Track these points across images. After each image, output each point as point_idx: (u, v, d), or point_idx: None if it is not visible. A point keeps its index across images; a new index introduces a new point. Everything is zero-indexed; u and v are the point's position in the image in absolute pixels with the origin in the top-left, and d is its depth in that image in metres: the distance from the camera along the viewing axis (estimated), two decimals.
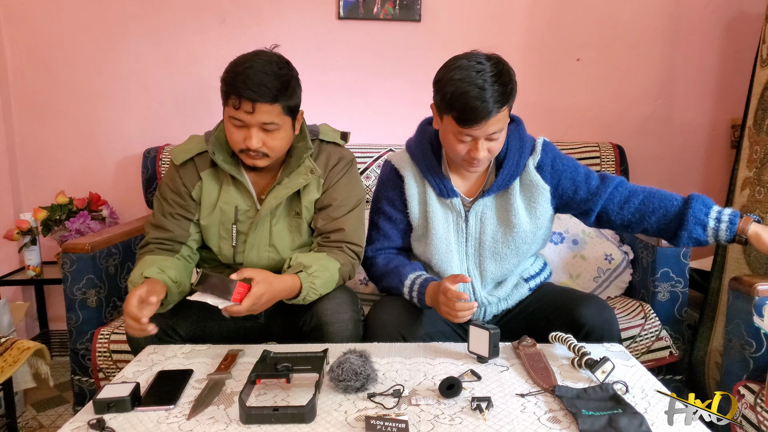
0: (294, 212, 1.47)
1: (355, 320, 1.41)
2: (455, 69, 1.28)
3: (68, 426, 0.97)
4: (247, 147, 1.34)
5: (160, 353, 1.27)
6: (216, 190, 1.46)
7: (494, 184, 1.43)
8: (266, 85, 1.29)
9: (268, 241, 1.47)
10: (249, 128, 1.33)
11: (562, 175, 1.45)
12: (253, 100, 1.29)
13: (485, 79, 1.24)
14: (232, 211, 1.45)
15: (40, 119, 2.45)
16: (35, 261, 2.30)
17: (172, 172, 1.49)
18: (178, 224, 1.47)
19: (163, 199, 1.49)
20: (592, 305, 1.39)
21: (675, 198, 1.41)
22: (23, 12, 2.37)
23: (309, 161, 1.44)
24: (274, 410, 0.96)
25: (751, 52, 2.16)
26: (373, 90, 2.50)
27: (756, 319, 1.38)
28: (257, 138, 1.33)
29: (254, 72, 1.29)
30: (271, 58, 1.35)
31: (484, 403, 0.99)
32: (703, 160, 2.58)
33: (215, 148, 1.43)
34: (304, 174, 1.43)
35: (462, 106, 1.25)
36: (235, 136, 1.35)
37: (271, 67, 1.32)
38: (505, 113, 1.30)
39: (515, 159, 1.43)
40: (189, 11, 2.39)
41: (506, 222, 1.45)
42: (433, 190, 1.46)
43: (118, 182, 2.50)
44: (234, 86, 1.29)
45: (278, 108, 1.33)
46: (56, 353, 2.51)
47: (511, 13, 2.43)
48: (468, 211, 1.46)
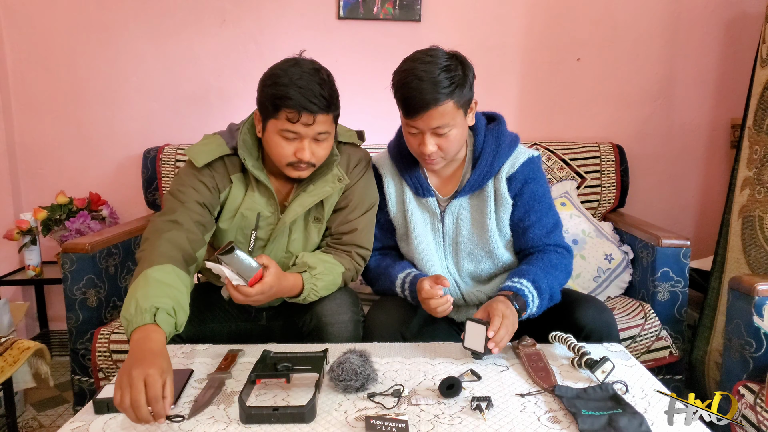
0: (314, 217, 1.45)
1: (355, 321, 1.40)
2: (407, 60, 1.30)
3: (68, 426, 0.97)
4: (299, 159, 1.30)
5: None
6: (242, 195, 1.40)
7: (468, 183, 1.41)
8: (324, 96, 1.26)
9: (285, 248, 1.45)
10: (302, 140, 1.29)
11: (522, 197, 1.41)
12: (314, 112, 1.26)
13: (430, 69, 1.24)
14: (254, 217, 1.40)
15: (40, 119, 2.45)
16: (35, 261, 2.30)
17: (205, 171, 1.35)
18: (192, 221, 1.30)
19: (184, 194, 1.33)
20: (591, 307, 1.38)
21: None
22: (23, 12, 2.37)
23: (338, 170, 1.41)
24: (274, 410, 0.96)
25: (751, 52, 2.16)
26: (373, 90, 2.49)
27: (756, 319, 1.38)
28: (309, 149, 1.30)
29: (308, 82, 1.25)
30: (314, 66, 1.31)
31: (484, 403, 0.99)
32: (703, 160, 2.58)
33: (244, 152, 1.36)
34: (332, 182, 1.39)
35: (403, 95, 1.27)
36: (286, 150, 1.30)
37: (321, 76, 1.29)
38: (451, 107, 1.26)
39: (489, 160, 1.40)
40: (189, 11, 2.39)
41: (481, 223, 1.44)
42: (410, 189, 1.46)
43: (118, 182, 2.50)
44: (291, 99, 1.24)
45: (330, 117, 1.32)
46: (56, 353, 2.51)
47: (511, 13, 2.43)
48: (444, 210, 1.45)
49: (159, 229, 1.27)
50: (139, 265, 1.20)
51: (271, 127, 1.31)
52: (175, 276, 1.17)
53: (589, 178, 2.30)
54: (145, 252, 1.22)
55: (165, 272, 1.16)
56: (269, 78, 1.29)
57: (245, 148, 1.37)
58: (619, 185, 2.32)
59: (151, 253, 1.20)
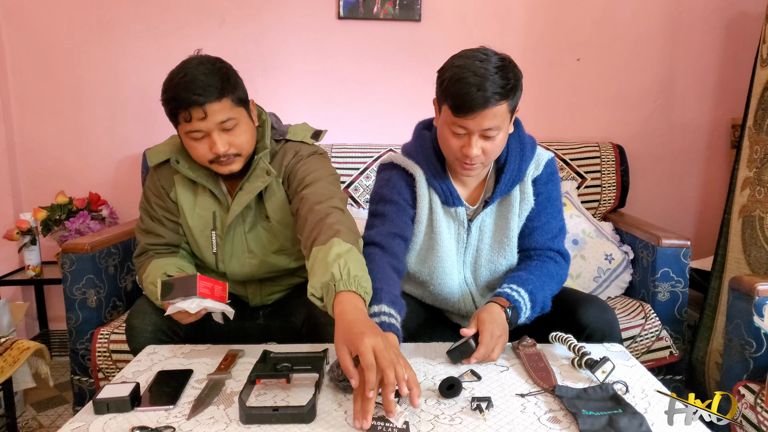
0: (264, 216, 1.43)
1: None
2: (459, 57, 1.23)
3: (68, 426, 0.97)
4: (215, 155, 1.28)
5: (160, 353, 1.27)
6: (191, 196, 1.42)
7: (497, 190, 1.36)
8: (209, 84, 1.24)
9: (246, 248, 1.44)
10: (210, 135, 1.27)
11: (538, 199, 1.39)
12: (201, 104, 1.23)
13: (487, 68, 1.18)
14: (210, 217, 1.42)
15: (40, 119, 2.45)
16: (35, 261, 2.30)
17: (151, 174, 1.46)
18: (167, 229, 1.44)
19: (147, 202, 1.45)
20: (593, 307, 1.38)
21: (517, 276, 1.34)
22: (23, 12, 2.37)
23: (263, 162, 1.37)
24: (274, 410, 0.96)
25: (751, 52, 2.16)
26: (373, 90, 2.50)
27: (756, 319, 1.38)
28: (221, 141, 1.27)
29: (191, 78, 1.24)
30: (200, 60, 1.30)
31: (484, 403, 0.99)
32: (703, 160, 2.58)
33: (180, 157, 1.39)
34: (262, 177, 1.36)
35: (457, 91, 1.18)
36: (200, 150, 1.29)
37: (205, 67, 1.27)
38: (504, 110, 1.21)
39: (516, 163, 1.36)
40: (189, 11, 2.39)
41: (503, 230, 1.40)
42: (438, 198, 1.37)
43: (117, 182, 2.50)
44: (177, 100, 1.24)
45: (228, 102, 1.27)
46: (56, 353, 2.51)
47: (511, 13, 2.43)
48: (471, 220, 1.39)
49: (142, 249, 1.44)
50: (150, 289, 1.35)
51: (181, 133, 1.31)
52: (174, 260, 1.40)
53: (589, 178, 2.30)
54: (150, 276, 1.35)
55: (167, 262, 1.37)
56: (163, 88, 1.29)
57: (183, 152, 1.39)
58: (619, 185, 2.32)
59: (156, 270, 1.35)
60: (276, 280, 1.54)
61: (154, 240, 1.44)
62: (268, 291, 1.55)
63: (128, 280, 2.02)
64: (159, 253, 1.44)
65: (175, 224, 1.45)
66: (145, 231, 1.45)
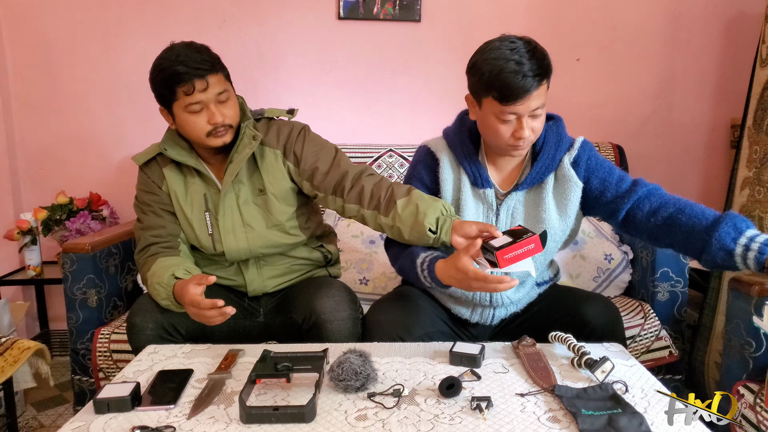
0: (257, 189, 1.48)
1: (354, 318, 1.41)
2: (489, 50, 1.27)
3: (68, 426, 0.97)
4: (214, 124, 1.37)
5: (160, 353, 1.28)
6: (181, 183, 1.49)
7: (528, 176, 1.39)
8: (203, 59, 1.34)
9: (241, 222, 1.48)
10: (207, 107, 1.36)
11: (593, 174, 1.42)
12: (202, 75, 1.33)
13: (521, 54, 1.24)
14: (202, 200, 1.48)
15: (40, 119, 2.45)
16: (35, 261, 2.30)
17: (140, 174, 1.53)
18: (166, 220, 1.49)
19: (141, 202, 1.52)
20: (597, 304, 1.39)
21: (707, 216, 1.25)
22: (23, 12, 2.37)
23: (250, 129, 1.44)
24: (274, 410, 0.96)
25: (751, 52, 2.16)
26: (373, 90, 2.50)
27: (756, 319, 1.38)
28: (219, 112, 1.37)
29: (187, 54, 1.33)
30: (185, 43, 1.38)
31: (484, 402, 0.99)
32: (703, 160, 2.58)
33: (167, 145, 1.46)
34: (249, 144, 1.44)
35: (502, 82, 1.24)
36: (198, 123, 1.37)
37: (195, 46, 1.37)
38: (544, 89, 1.28)
39: (551, 153, 1.40)
40: (189, 11, 2.39)
41: (536, 218, 1.40)
42: (468, 178, 1.41)
43: (118, 182, 2.50)
44: (179, 74, 1.32)
45: (221, 76, 1.38)
46: (56, 353, 2.51)
47: (511, 13, 2.44)
48: (500, 204, 1.41)
49: (144, 245, 1.48)
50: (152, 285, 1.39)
51: (177, 111, 1.38)
52: (179, 260, 1.43)
53: None
54: (156, 275, 1.38)
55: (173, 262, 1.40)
56: (154, 70, 1.37)
57: (169, 141, 1.47)
58: None
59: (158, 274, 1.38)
60: (273, 260, 1.55)
61: (155, 232, 1.47)
62: (267, 274, 1.56)
63: (129, 280, 2.02)
64: (163, 247, 1.46)
65: (171, 215, 1.50)
66: (146, 227, 1.49)
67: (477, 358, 1.17)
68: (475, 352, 1.18)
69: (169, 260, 1.41)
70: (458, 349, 1.20)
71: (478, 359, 1.17)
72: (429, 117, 2.49)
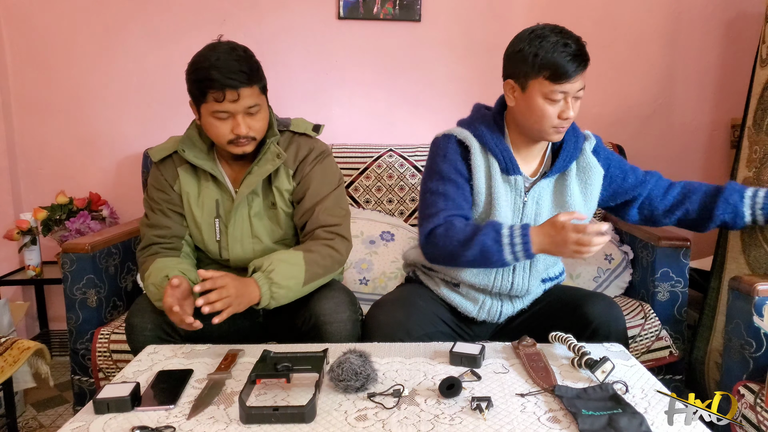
0: (270, 203, 1.48)
1: (354, 320, 1.40)
2: (535, 36, 1.32)
3: (68, 426, 0.97)
4: (237, 135, 1.36)
5: (160, 353, 1.28)
6: (195, 186, 1.48)
7: (556, 165, 1.43)
8: (242, 70, 1.32)
9: (250, 233, 1.48)
10: (234, 117, 1.35)
11: (612, 162, 1.51)
12: (236, 87, 1.31)
13: (568, 37, 1.31)
14: (213, 205, 1.47)
15: (40, 119, 2.45)
16: (35, 261, 2.30)
17: (153, 170, 1.52)
18: (172, 221, 1.49)
19: (151, 198, 1.51)
20: (600, 302, 1.40)
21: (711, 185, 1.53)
22: (23, 12, 2.37)
23: (275, 147, 1.45)
24: (274, 410, 0.96)
25: (751, 52, 2.16)
26: (373, 90, 2.50)
27: (756, 319, 1.38)
28: (244, 124, 1.36)
29: (226, 61, 1.31)
30: (230, 45, 1.36)
31: (484, 403, 0.99)
32: (703, 160, 2.58)
33: (185, 146, 1.45)
34: (272, 160, 1.44)
35: (557, 61, 1.29)
36: (222, 129, 1.36)
37: (237, 53, 1.34)
38: (586, 72, 1.34)
39: (573, 141, 1.45)
40: (189, 11, 2.39)
41: (561, 205, 1.44)
42: (499, 165, 1.42)
43: (118, 182, 2.50)
44: (212, 80, 1.30)
45: (256, 89, 1.36)
46: (56, 353, 2.51)
47: (511, 13, 2.43)
48: (528, 192, 1.44)
49: (147, 243, 1.48)
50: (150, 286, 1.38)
51: (204, 112, 1.37)
52: (176, 261, 1.42)
53: None
54: (152, 277, 1.38)
55: (170, 263, 1.40)
56: (191, 67, 1.36)
57: (189, 142, 1.46)
58: None
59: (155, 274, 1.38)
60: None
61: (159, 232, 1.47)
62: None
63: (128, 280, 2.02)
64: (164, 247, 1.46)
65: (179, 216, 1.50)
66: (151, 225, 1.49)
67: (477, 358, 1.17)
68: (475, 353, 1.18)
69: (166, 261, 1.41)
70: (458, 349, 1.20)
71: (478, 359, 1.17)
72: (429, 117, 2.49)
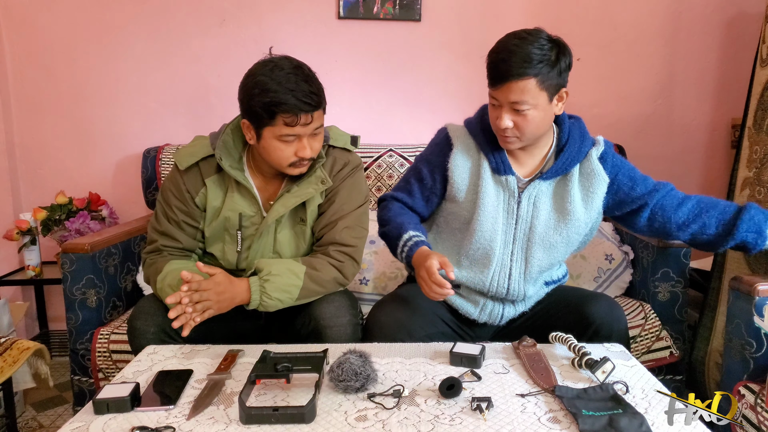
0: (299, 218, 1.45)
1: (354, 324, 1.40)
2: (508, 34, 1.32)
3: (68, 426, 0.97)
4: (300, 158, 1.32)
5: (160, 353, 1.27)
6: (221, 196, 1.42)
7: (553, 167, 1.41)
8: (314, 92, 1.27)
9: (272, 248, 1.44)
10: (300, 139, 1.31)
11: (620, 171, 1.46)
12: (309, 111, 1.27)
13: (522, 44, 1.27)
14: (236, 218, 1.42)
15: (40, 119, 2.45)
16: (35, 261, 2.30)
17: (176, 177, 1.43)
18: (185, 235, 1.45)
19: (167, 204, 1.44)
20: (601, 303, 1.40)
21: (729, 204, 1.46)
22: (23, 12, 2.37)
23: (321, 171, 1.40)
24: (274, 410, 0.96)
25: (751, 52, 2.16)
26: (373, 90, 2.49)
27: (756, 319, 1.38)
28: (309, 146, 1.32)
29: (297, 83, 1.26)
30: (294, 64, 1.30)
31: (484, 403, 0.99)
32: (703, 160, 2.58)
33: (222, 153, 1.39)
34: (315, 184, 1.40)
35: (489, 61, 1.30)
36: (287, 152, 1.32)
37: (305, 72, 1.29)
38: (532, 86, 1.27)
39: (577, 145, 1.42)
40: (189, 11, 2.39)
41: (561, 209, 1.41)
42: (489, 164, 1.41)
43: (117, 182, 2.50)
44: (286, 104, 1.25)
45: (322, 111, 1.33)
46: (56, 353, 2.51)
47: (511, 13, 2.43)
48: (522, 192, 1.41)
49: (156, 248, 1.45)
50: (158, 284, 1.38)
51: (267, 135, 1.31)
52: (191, 264, 1.39)
53: None
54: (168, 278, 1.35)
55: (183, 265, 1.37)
56: (255, 86, 1.28)
57: (225, 150, 1.40)
58: None
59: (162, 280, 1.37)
60: None
61: (169, 243, 1.44)
62: None
63: (128, 280, 2.02)
64: (173, 255, 1.44)
65: (193, 229, 1.45)
66: (162, 233, 1.45)
67: (477, 358, 1.17)
68: (476, 353, 1.18)
69: (181, 263, 1.39)
70: (458, 349, 1.20)
71: (478, 360, 1.17)
72: (429, 117, 2.48)
